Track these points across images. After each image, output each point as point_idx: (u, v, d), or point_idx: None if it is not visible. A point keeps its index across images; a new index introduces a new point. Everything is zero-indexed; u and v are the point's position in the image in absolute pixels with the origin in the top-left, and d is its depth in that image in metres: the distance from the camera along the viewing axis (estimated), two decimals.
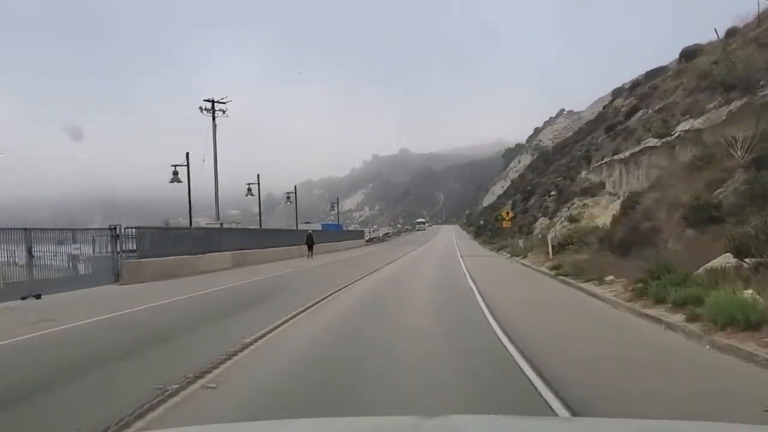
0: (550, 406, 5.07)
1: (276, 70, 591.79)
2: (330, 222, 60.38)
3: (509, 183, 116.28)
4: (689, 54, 34.35)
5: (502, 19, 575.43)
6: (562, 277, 16.98)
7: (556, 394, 5.36)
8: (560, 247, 23.33)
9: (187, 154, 27.18)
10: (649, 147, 26.13)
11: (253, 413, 5.10)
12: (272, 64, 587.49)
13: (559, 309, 11.78)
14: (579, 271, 16.28)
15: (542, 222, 38.76)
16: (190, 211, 26.95)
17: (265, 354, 7.81)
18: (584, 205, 30.85)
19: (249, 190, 44.94)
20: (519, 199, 60.92)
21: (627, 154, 29.57)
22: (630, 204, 17.69)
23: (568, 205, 34.53)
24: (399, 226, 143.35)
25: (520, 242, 30.66)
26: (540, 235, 34.99)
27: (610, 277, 14.27)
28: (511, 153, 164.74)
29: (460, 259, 29.82)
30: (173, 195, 39.23)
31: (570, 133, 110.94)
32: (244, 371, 6.81)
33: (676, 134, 22.74)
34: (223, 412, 5.23)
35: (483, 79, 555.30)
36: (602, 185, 33.58)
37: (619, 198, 30.00)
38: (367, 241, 64.43)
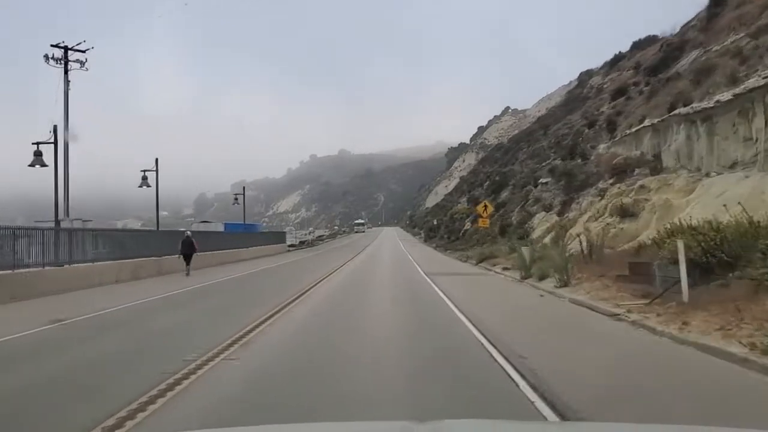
0: None
1: (214, 69, 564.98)
2: (236, 222, 44.88)
3: (457, 181, 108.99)
4: None
5: (442, 22, 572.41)
6: None
7: None
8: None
9: None
10: None
11: None
12: (211, 66, 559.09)
13: None
14: None
15: (543, 218, 25.95)
16: None
17: None
18: (641, 187, 18.14)
19: (145, 178, 33.30)
20: (484, 193, 48.34)
21: (715, 101, 17.04)
22: None
23: (597, 190, 21.83)
24: (336, 228, 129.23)
25: (539, 252, 17.49)
26: (548, 239, 22.17)
27: None
28: (455, 152, 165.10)
29: (432, 285, 16.45)
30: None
31: (516, 131, 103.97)
32: None
33: None
34: None
35: (423, 81, 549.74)
36: (650, 159, 21.05)
37: (707, 175, 17.35)
38: (290, 246, 49.83)
